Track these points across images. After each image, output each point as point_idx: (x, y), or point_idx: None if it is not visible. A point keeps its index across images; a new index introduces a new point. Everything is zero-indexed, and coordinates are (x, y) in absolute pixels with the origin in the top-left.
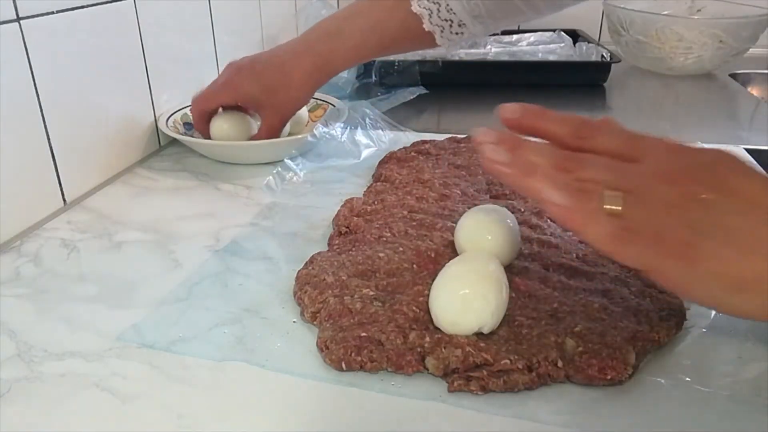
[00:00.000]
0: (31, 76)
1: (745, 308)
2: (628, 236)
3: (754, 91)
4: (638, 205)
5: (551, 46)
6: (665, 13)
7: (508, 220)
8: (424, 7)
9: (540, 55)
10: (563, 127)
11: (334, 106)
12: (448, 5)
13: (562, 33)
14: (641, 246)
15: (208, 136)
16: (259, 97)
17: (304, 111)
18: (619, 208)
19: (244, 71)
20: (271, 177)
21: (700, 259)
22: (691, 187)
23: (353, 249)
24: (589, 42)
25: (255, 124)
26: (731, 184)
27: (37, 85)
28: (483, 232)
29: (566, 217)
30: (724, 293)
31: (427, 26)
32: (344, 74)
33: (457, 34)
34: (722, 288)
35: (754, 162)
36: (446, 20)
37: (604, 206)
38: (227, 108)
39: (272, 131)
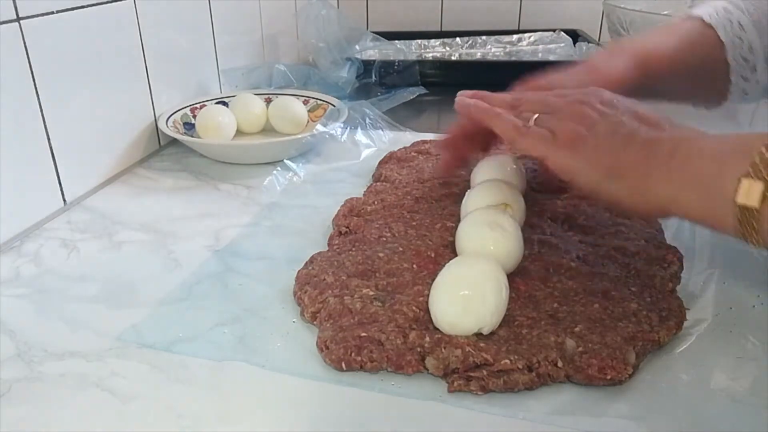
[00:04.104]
0: (31, 76)
1: (617, 193)
2: (525, 130)
3: None
4: (547, 117)
5: (551, 46)
6: (665, 13)
7: (511, 229)
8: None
9: (540, 55)
10: (503, 102)
11: (334, 106)
12: (750, 45)
13: (562, 33)
14: (534, 139)
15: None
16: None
17: (303, 111)
18: (535, 115)
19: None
20: (271, 177)
21: (584, 149)
22: (586, 106)
23: (353, 249)
24: (589, 42)
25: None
26: (618, 103)
27: (37, 85)
28: (486, 243)
29: (493, 124)
30: (601, 179)
31: (722, 35)
32: (344, 74)
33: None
34: (600, 175)
35: None
36: (745, 59)
37: (528, 120)
38: None
39: None
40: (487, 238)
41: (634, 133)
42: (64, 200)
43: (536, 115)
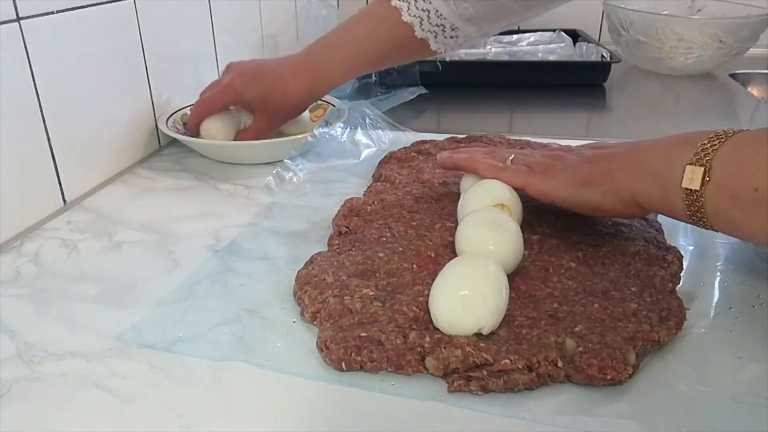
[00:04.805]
0: (31, 76)
1: (594, 198)
2: (503, 167)
3: (754, 91)
4: (522, 158)
5: (551, 46)
6: (665, 13)
7: (511, 228)
8: (414, 16)
9: (540, 55)
10: (479, 152)
11: (334, 106)
12: (437, 11)
13: (562, 33)
14: (513, 172)
15: (198, 136)
16: (256, 102)
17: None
18: (512, 156)
19: (247, 76)
20: (271, 177)
21: (557, 172)
22: (553, 152)
23: (353, 249)
24: (589, 42)
25: (242, 123)
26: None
27: (37, 85)
28: (486, 243)
29: (475, 168)
30: (576, 190)
31: (419, 33)
32: None
33: (451, 38)
34: (574, 186)
35: None
36: (438, 26)
37: (505, 161)
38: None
39: (258, 133)
40: (487, 238)
41: (595, 154)
42: (64, 200)
43: (512, 156)
